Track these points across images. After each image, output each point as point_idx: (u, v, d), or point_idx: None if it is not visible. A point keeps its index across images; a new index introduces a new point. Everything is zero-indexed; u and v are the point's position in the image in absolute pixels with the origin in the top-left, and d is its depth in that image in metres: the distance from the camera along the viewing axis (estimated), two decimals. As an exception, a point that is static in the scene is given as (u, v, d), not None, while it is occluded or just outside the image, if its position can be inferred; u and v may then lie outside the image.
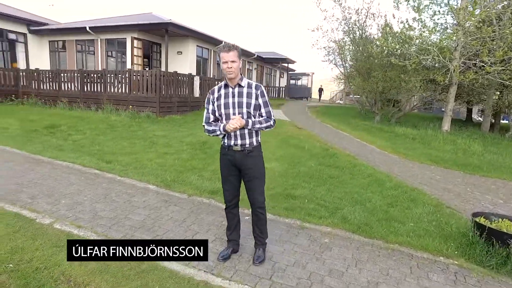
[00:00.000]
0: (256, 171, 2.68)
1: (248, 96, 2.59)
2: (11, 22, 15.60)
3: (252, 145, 2.64)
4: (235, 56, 2.50)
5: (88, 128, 8.89)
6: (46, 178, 4.59)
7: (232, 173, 2.72)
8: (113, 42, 15.03)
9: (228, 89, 2.62)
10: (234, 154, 2.65)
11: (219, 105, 2.61)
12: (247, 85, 2.62)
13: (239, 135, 2.61)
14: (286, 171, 5.85)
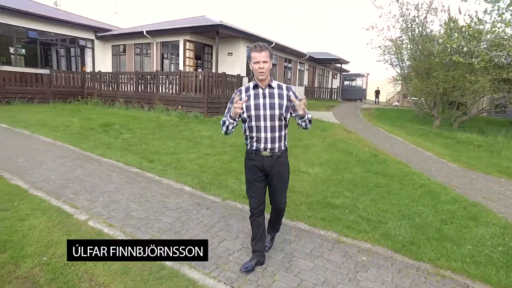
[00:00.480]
0: (284, 177, 2.66)
1: (279, 98, 2.52)
2: (81, 30, 17.12)
3: (280, 149, 2.58)
4: (267, 57, 2.42)
5: (138, 127, 9.32)
6: (91, 174, 4.81)
7: (259, 179, 2.63)
8: (167, 45, 15.71)
9: (258, 90, 2.54)
10: (262, 159, 2.57)
11: (248, 106, 2.52)
12: (277, 86, 2.56)
13: (270, 139, 2.52)
14: (329, 177, 5.51)
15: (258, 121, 2.50)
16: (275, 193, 2.71)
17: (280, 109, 2.49)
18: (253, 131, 2.54)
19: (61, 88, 13.98)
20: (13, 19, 14.45)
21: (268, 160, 2.55)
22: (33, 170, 4.82)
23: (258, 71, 2.43)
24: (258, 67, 2.41)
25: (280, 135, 2.55)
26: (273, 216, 2.95)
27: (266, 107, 2.49)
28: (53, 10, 18.84)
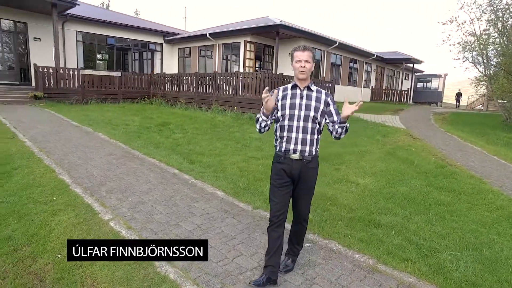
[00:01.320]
0: (311, 184, 2.55)
1: (317, 101, 2.47)
2: (152, 35, 18.35)
3: (311, 153, 2.46)
4: (309, 57, 2.41)
5: (192, 127, 9.50)
6: (130, 173, 4.91)
7: (285, 185, 2.49)
8: (229, 46, 15.98)
9: (296, 90, 2.49)
10: (291, 163, 2.44)
11: (283, 105, 2.47)
12: (316, 90, 2.52)
13: (300, 140, 2.42)
14: (380, 190, 4.86)
15: (291, 121, 2.44)
16: (299, 200, 2.58)
17: (316, 112, 2.43)
18: (284, 131, 2.46)
19: (130, 89, 15.10)
20: (96, 28, 16.08)
21: (296, 164, 2.43)
22: (81, 166, 5.09)
23: (299, 70, 2.39)
24: (299, 65, 2.38)
25: (312, 138, 2.46)
26: (294, 227, 2.72)
27: (302, 108, 2.43)
28: (128, 18, 20.55)
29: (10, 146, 5.89)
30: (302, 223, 2.67)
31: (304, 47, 2.44)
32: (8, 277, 2.59)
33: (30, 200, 3.78)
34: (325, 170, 5.77)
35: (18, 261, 2.78)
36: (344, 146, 7.63)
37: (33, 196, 3.89)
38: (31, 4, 12.75)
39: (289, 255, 2.76)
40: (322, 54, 16.70)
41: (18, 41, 14.27)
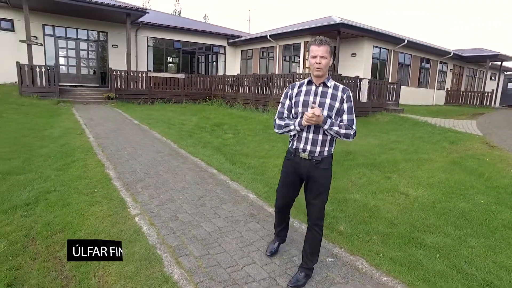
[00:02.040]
0: (322, 186, 2.40)
1: (332, 98, 2.30)
2: (216, 38, 19.06)
3: (322, 154, 2.35)
4: (326, 52, 2.24)
5: (245, 128, 9.56)
6: (170, 171, 5.07)
7: (293, 182, 2.51)
8: (289, 47, 15.82)
9: (311, 86, 2.37)
10: (300, 161, 2.40)
11: (297, 102, 2.37)
12: (333, 86, 2.35)
13: (310, 140, 2.32)
14: (433, 204, 4.27)
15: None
16: (310, 203, 2.46)
17: (330, 110, 2.28)
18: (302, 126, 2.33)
19: (193, 90, 15.84)
20: (165, 33, 17.28)
21: (305, 163, 2.37)
22: (128, 162, 5.41)
23: (314, 66, 2.26)
24: (315, 61, 2.25)
25: (324, 138, 2.32)
26: (307, 233, 2.52)
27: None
28: (194, 23, 21.65)
29: (76, 141, 6.55)
30: (315, 228, 2.46)
31: (321, 40, 2.26)
32: (38, 259, 2.81)
33: (76, 190, 4.11)
34: (373, 178, 5.29)
35: (50, 245, 3.01)
36: (402, 152, 6.95)
37: (79, 187, 4.22)
38: (110, 16, 14.18)
39: (302, 268, 2.52)
40: (388, 53, 15.55)
41: (100, 48, 15.99)
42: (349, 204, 4.17)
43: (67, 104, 11.76)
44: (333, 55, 2.41)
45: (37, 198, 3.95)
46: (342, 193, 4.57)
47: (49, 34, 14.59)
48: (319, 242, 2.49)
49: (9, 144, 6.15)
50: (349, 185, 4.96)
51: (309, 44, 2.33)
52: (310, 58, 2.30)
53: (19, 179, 4.54)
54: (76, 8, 13.15)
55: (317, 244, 2.49)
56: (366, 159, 6.41)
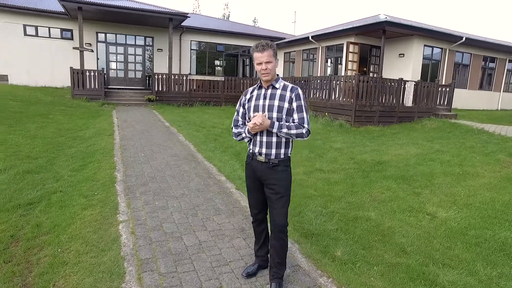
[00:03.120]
0: (280, 189, 2.31)
1: (280, 99, 2.27)
2: (258, 40, 18.89)
3: (278, 157, 2.30)
4: (270, 56, 2.21)
5: (276, 132, 9.24)
6: (177, 176, 4.95)
7: (256, 187, 2.45)
8: (332, 49, 15.16)
9: (260, 90, 2.35)
10: (257, 165, 2.36)
11: (249, 107, 2.35)
12: (282, 87, 2.31)
13: (265, 143, 2.28)
14: (465, 231, 3.59)
15: None
16: (270, 207, 2.39)
17: (279, 112, 2.24)
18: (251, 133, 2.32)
19: (232, 92, 15.88)
20: (207, 37, 17.63)
21: (262, 167, 2.33)
22: (140, 165, 5.42)
23: (262, 72, 2.24)
24: (261, 68, 2.22)
25: (279, 140, 2.28)
26: (271, 240, 2.42)
27: (265, 109, 2.27)
28: (238, 26, 21.77)
29: (102, 142, 6.79)
30: (280, 235, 2.35)
31: (263, 46, 2.21)
32: (11, 262, 2.82)
33: (78, 192, 4.17)
34: (398, 193, 4.66)
35: (29, 248, 3.02)
36: (443, 164, 6.11)
37: (83, 189, 4.27)
38: (155, 21, 14.82)
39: (274, 279, 2.42)
40: (442, 52, 14.06)
41: (146, 52, 16.79)
42: (359, 224, 3.67)
43: (110, 106, 12.46)
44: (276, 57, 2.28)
45: (42, 198, 4.07)
46: (355, 209, 4.06)
47: (101, 41, 15.69)
48: (286, 248, 2.43)
49: (43, 144, 6.56)
50: (367, 200, 4.41)
51: (251, 51, 2.27)
52: (256, 65, 2.26)
53: (35, 178, 4.76)
54: (124, 16, 13.95)
55: (284, 251, 2.43)
56: (397, 171, 5.73)
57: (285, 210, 2.34)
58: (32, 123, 8.09)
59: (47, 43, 14.86)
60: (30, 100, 10.52)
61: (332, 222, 3.67)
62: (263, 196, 2.44)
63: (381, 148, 7.59)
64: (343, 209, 4.07)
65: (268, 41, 2.28)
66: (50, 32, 14.90)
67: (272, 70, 2.23)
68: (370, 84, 10.10)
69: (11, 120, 8.03)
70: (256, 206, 2.52)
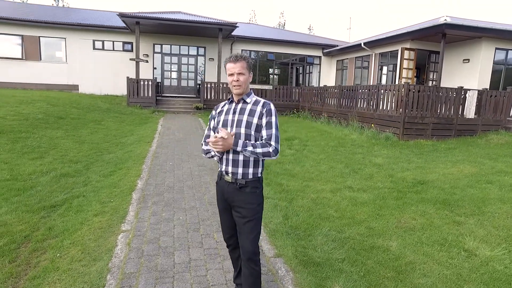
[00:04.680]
0: (247, 212, 2.14)
1: (250, 114, 2.14)
2: (311, 48, 18.68)
3: (245, 177, 2.12)
4: (243, 68, 2.13)
5: (315, 144, 8.87)
6: (194, 187, 4.93)
7: (225, 208, 2.28)
8: (386, 55, 14.26)
9: (231, 105, 2.23)
10: (224, 185, 2.20)
11: (218, 122, 2.23)
12: (253, 102, 2.19)
13: (231, 160, 2.13)
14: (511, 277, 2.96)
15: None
16: (240, 233, 2.19)
17: (248, 127, 2.11)
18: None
19: (280, 101, 15.73)
20: (258, 46, 17.84)
21: (229, 187, 2.16)
22: (164, 174, 5.52)
23: (233, 84, 2.14)
24: (232, 79, 2.13)
25: (246, 159, 2.11)
26: (244, 271, 2.19)
27: (233, 124, 2.14)
28: (290, 34, 21.66)
29: (139, 149, 7.12)
30: (250, 264, 2.15)
31: (236, 57, 2.14)
32: (15, 262, 3.00)
33: (97, 198, 4.36)
34: (434, 220, 4.07)
35: (35, 250, 3.20)
36: (502, 188, 5.25)
37: (103, 195, 4.46)
38: (207, 32, 15.40)
39: None
40: (521, 57, 12.32)
41: (198, 62, 17.50)
42: (373, 255, 3.24)
43: (160, 113, 13.15)
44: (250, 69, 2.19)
45: (65, 202, 4.33)
46: (374, 237, 3.62)
47: (157, 52, 16.75)
48: (259, 279, 2.21)
49: (88, 149, 7.09)
50: (392, 226, 3.91)
51: (225, 62, 2.19)
52: (227, 76, 2.16)
53: (68, 182, 5.11)
54: (177, 28, 14.74)
55: (257, 281, 2.20)
56: (439, 193, 5.05)
57: (253, 236, 2.15)
58: (85, 129, 8.83)
59: (111, 55, 16.32)
60: (90, 108, 11.55)
61: (342, 250, 3.30)
62: (233, 219, 2.26)
63: (428, 165, 6.80)
64: (360, 235, 3.65)
65: (243, 54, 2.20)
66: (114, 45, 16.35)
67: (244, 83, 2.13)
68: (422, 93, 9.20)
69: (68, 126, 8.86)
70: (226, 230, 2.34)
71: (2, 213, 3.87)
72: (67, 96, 12.86)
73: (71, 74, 16.09)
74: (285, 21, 50.55)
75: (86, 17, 17.81)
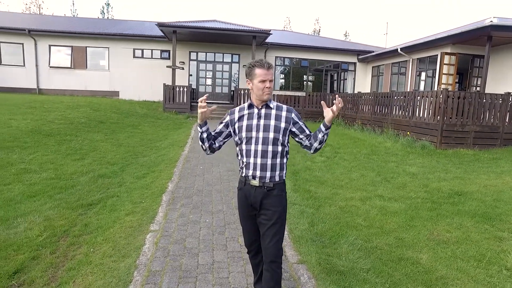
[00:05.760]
0: (273, 215, 2.17)
1: (276, 119, 2.19)
2: (345, 55, 18.43)
3: (273, 180, 2.18)
4: (272, 75, 2.19)
5: (347, 151, 8.70)
6: (223, 191, 5.01)
7: (250, 213, 2.28)
8: (424, 61, 13.71)
9: (253, 109, 2.23)
10: (250, 190, 2.21)
11: (240, 127, 2.22)
12: (275, 107, 2.23)
13: (259, 165, 2.15)
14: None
15: (249, 144, 2.20)
16: (263, 235, 2.19)
17: (276, 132, 2.15)
18: (243, 156, 2.23)
19: (313, 108, 15.60)
20: (292, 52, 17.89)
21: (257, 191, 2.18)
22: (194, 177, 5.67)
23: (264, 91, 2.14)
24: (265, 86, 2.13)
25: (274, 163, 2.17)
26: (265, 274, 2.18)
27: (260, 129, 2.16)
28: (324, 40, 21.44)
29: (172, 153, 7.37)
30: (272, 267, 2.15)
31: (269, 64, 2.16)
32: (54, 254, 3.22)
33: (130, 199, 4.57)
34: (472, 235, 3.84)
35: (72, 244, 3.42)
36: None
37: (135, 196, 4.67)
38: (241, 39, 15.69)
39: None
40: None
41: (232, 69, 17.84)
42: (401, 267, 3.11)
43: (194, 119, 13.53)
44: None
45: (100, 201, 4.59)
46: (403, 248, 3.47)
47: (193, 59, 17.32)
48: (279, 283, 2.20)
49: (124, 152, 7.46)
50: (424, 238, 3.73)
51: (252, 65, 2.18)
52: (257, 82, 2.15)
53: (104, 182, 5.40)
54: (212, 36, 15.17)
55: (278, 285, 2.19)
56: (479, 205, 4.75)
57: (277, 239, 2.16)
58: (123, 133, 9.30)
59: (149, 63, 17.12)
60: (128, 113, 12.16)
61: (368, 260, 3.20)
62: (256, 225, 2.28)
63: (468, 176, 6.41)
64: (389, 246, 3.52)
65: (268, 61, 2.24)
66: (152, 53, 17.15)
67: (272, 90, 2.19)
68: (462, 100, 8.72)
69: (108, 130, 9.39)
70: (249, 236, 2.35)
71: (47, 209, 4.18)
72: (108, 102, 13.65)
73: (112, 81, 17.07)
74: (320, 28, 50.33)
75: (127, 27, 18.87)
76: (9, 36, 16.30)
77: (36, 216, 3.92)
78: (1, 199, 4.38)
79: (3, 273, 2.85)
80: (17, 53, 16.54)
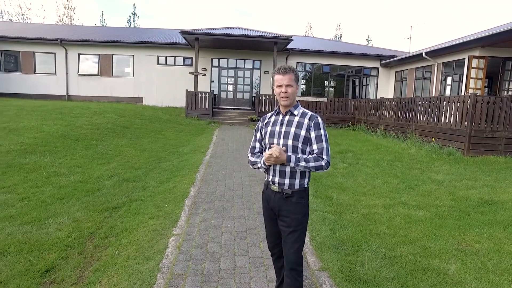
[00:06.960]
0: (292, 222, 2.16)
1: (298, 126, 2.17)
2: (368, 60, 18.18)
3: (292, 187, 2.16)
4: (292, 80, 2.17)
5: (370, 158, 8.54)
6: (244, 197, 5.03)
7: (272, 217, 2.30)
8: (450, 65, 13.30)
9: (278, 116, 2.28)
10: (271, 194, 2.24)
11: (265, 133, 2.27)
12: (300, 114, 2.22)
13: (278, 171, 2.17)
14: None
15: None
16: (284, 242, 2.20)
17: (295, 139, 2.14)
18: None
19: (335, 114, 15.44)
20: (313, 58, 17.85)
21: (276, 197, 2.19)
22: (216, 182, 5.72)
23: (281, 96, 2.17)
24: (281, 91, 2.17)
25: (293, 170, 2.14)
26: (286, 281, 2.21)
27: (280, 135, 2.18)
28: (346, 45, 21.20)
29: (194, 158, 7.49)
30: (292, 274, 2.15)
31: (285, 69, 2.16)
32: (82, 254, 3.34)
33: (153, 203, 4.67)
34: (504, 246, 3.68)
35: (98, 246, 3.53)
36: None
37: (158, 200, 4.78)
38: (262, 46, 15.81)
39: None
40: None
41: (254, 75, 17.97)
42: (427, 277, 3.01)
43: (215, 125, 13.70)
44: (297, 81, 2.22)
45: (125, 204, 4.72)
46: (429, 258, 3.36)
47: (215, 66, 17.59)
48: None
49: (148, 156, 7.65)
50: (452, 248, 3.59)
51: (272, 74, 2.25)
52: (275, 88, 2.19)
53: (129, 186, 5.55)
54: (234, 42, 15.38)
55: None
56: (502, 213, 4.54)
57: (297, 246, 2.15)
58: (146, 138, 9.54)
59: (172, 69, 17.55)
60: (151, 118, 12.47)
61: (391, 269, 3.12)
62: (278, 228, 2.27)
63: (500, 184, 6.13)
64: (413, 255, 3.42)
65: (291, 66, 2.23)
66: (175, 60, 17.58)
67: (291, 94, 2.17)
68: (492, 105, 8.38)
69: (132, 135, 9.66)
70: (271, 239, 2.36)
71: (75, 211, 4.34)
72: (132, 108, 14.05)
73: (136, 88, 17.60)
74: (341, 33, 50.00)
75: (152, 35, 19.44)
76: (43, 46, 17.20)
77: (65, 218, 4.09)
78: (34, 200, 4.59)
79: (37, 270, 2.98)
80: (50, 62, 17.43)
